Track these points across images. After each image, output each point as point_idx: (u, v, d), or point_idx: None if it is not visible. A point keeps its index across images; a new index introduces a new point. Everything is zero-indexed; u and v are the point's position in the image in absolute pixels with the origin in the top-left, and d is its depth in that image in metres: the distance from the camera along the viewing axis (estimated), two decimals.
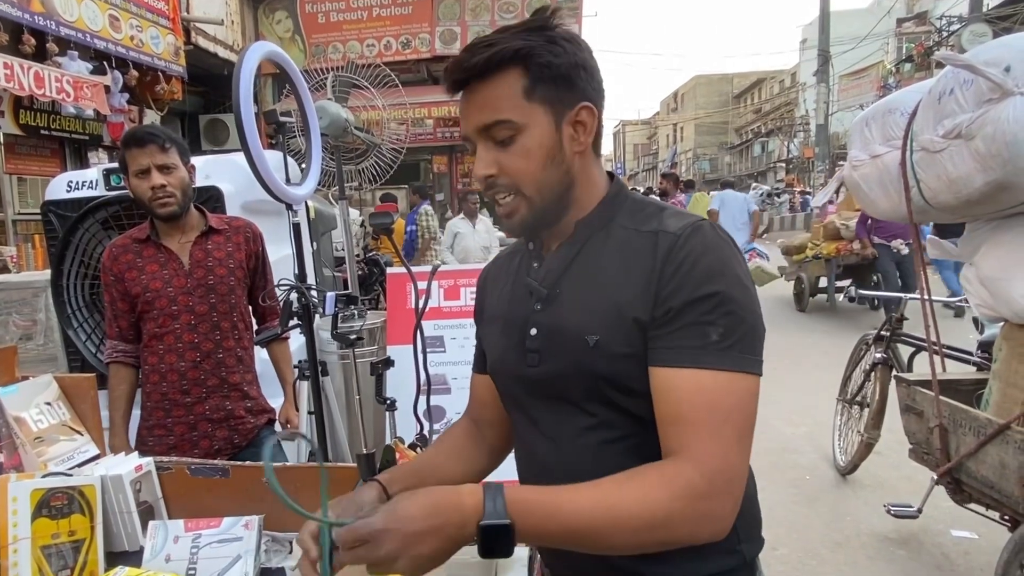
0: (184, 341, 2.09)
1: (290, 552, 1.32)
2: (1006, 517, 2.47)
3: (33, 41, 5.58)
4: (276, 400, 2.41)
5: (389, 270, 3.98)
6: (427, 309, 1.95)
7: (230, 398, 2.15)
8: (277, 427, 2.35)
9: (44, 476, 1.33)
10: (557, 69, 0.93)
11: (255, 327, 2.34)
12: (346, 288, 3.96)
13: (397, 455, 1.49)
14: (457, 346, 3.14)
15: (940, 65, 2.39)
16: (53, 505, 1.27)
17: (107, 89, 6.20)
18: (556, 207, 0.98)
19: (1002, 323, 2.53)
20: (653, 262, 0.91)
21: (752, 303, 0.90)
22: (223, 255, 2.16)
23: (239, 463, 1.47)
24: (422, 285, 2.18)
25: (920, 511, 2.98)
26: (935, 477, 2.70)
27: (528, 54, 0.92)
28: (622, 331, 0.91)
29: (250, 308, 2.30)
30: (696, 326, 0.87)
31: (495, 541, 0.79)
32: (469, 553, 1.13)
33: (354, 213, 7.06)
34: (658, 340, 0.89)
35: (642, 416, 0.92)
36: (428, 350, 2.01)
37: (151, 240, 2.13)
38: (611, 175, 1.05)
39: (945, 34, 16.64)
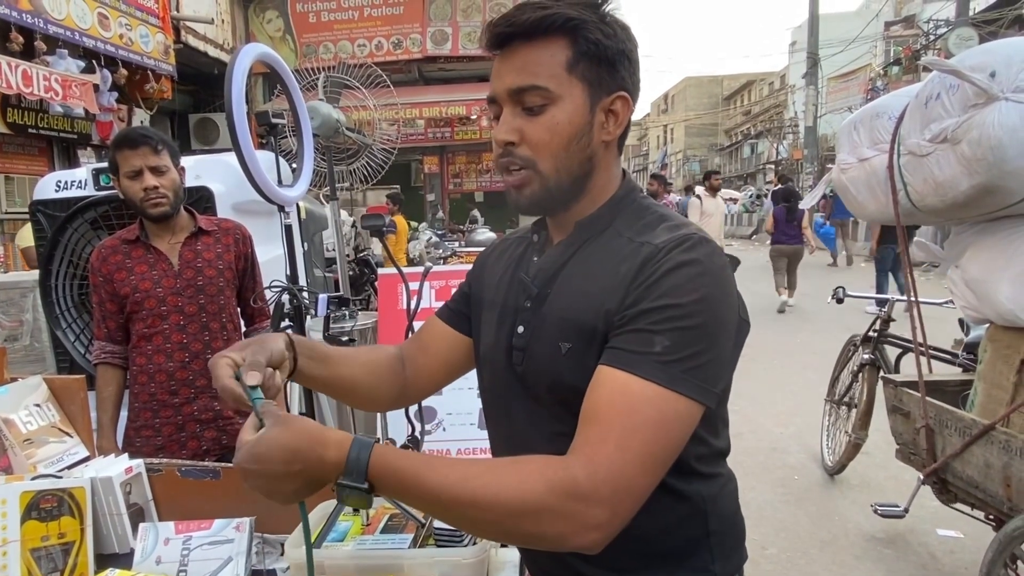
0: (173, 341, 2.10)
1: (282, 554, 1.32)
2: (991, 516, 2.50)
3: (21, 39, 5.54)
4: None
5: (380, 271, 3.97)
6: (419, 310, 1.96)
7: (217, 398, 2.12)
8: None
9: (34, 478, 1.32)
10: (604, 50, 0.91)
11: (243, 328, 2.34)
12: (337, 289, 3.95)
13: None
14: None
15: (927, 69, 2.41)
16: (43, 507, 1.27)
17: (96, 88, 6.16)
18: (569, 192, 0.95)
19: (987, 325, 2.56)
20: (628, 273, 0.88)
21: (718, 329, 0.85)
22: (212, 256, 2.17)
23: (230, 464, 1.47)
24: (413, 286, 2.19)
25: (907, 511, 3.01)
26: (921, 477, 2.73)
27: (579, 26, 0.89)
28: (591, 341, 0.89)
29: (238, 309, 2.29)
30: (642, 333, 0.83)
31: (350, 498, 0.79)
32: (461, 555, 1.14)
33: (344, 215, 7.03)
34: (610, 342, 0.87)
35: None
36: None
37: (140, 241, 2.13)
38: (624, 173, 1.02)
39: (932, 38, 16.78)
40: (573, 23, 0.89)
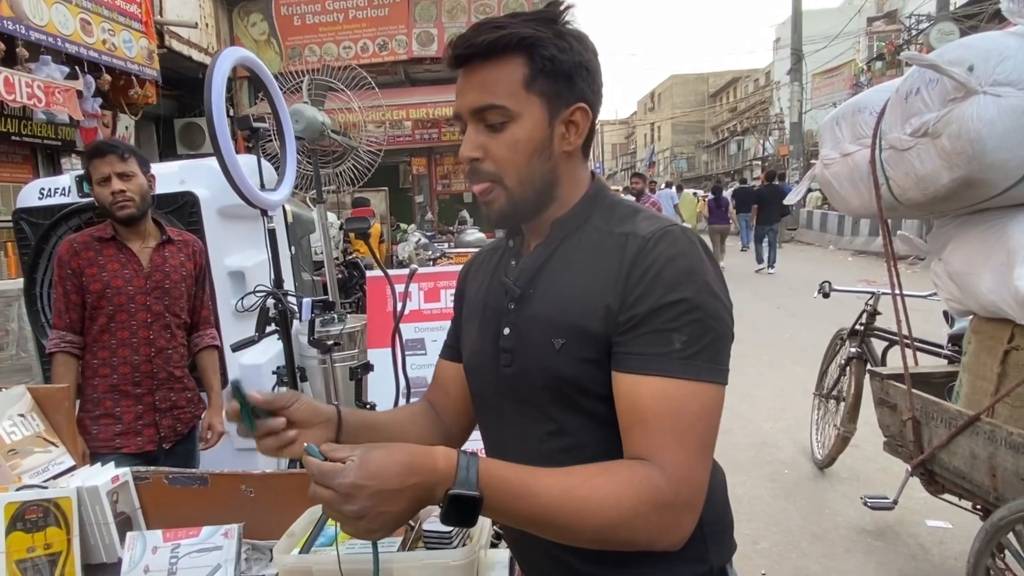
0: (139, 337, 2.27)
1: (270, 560, 1.32)
2: (978, 506, 2.53)
3: (2, 46, 5.48)
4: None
5: (369, 273, 3.96)
6: (407, 312, 1.96)
7: (174, 389, 2.36)
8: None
9: (18, 489, 1.31)
10: (560, 65, 0.93)
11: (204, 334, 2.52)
12: (326, 292, 3.95)
13: None
14: (439, 348, 3.12)
15: (908, 64, 2.43)
16: (28, 518, 1.26)
17: (79, 94, 6.10)
18: (535, 202, 0.98)
19: (971, 317, 2.58)
20: (620, 265, 0.90)
21: (720, 311, 0.89)
22: (177, 263, 2.37)
23: (218, 471, 1.46)
24: (399, 288, 2.19)
25: (896, 502, 3.03)
26: (909, 469, 2.75)
27: (534, 44, 0.91)
28: (588, 335, 0.90)
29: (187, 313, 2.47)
30: (660, 333, 0.86)
31: (460, 512, 0.78)
32: (451, 557, 1.14)
33: (332, 217, 7.01)
34: (622, 345, 0.88)
35: (606, 422, 0.92)
36: (409, 352, 2.02)
37: (115, 240, 2.27)
38: (592, 175, 1.05)
39: (914, 33, 16.91)
40: (528, 41, 0.91)
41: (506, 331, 0.99)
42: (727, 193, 15.10)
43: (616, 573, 0.95)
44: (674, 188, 16.97)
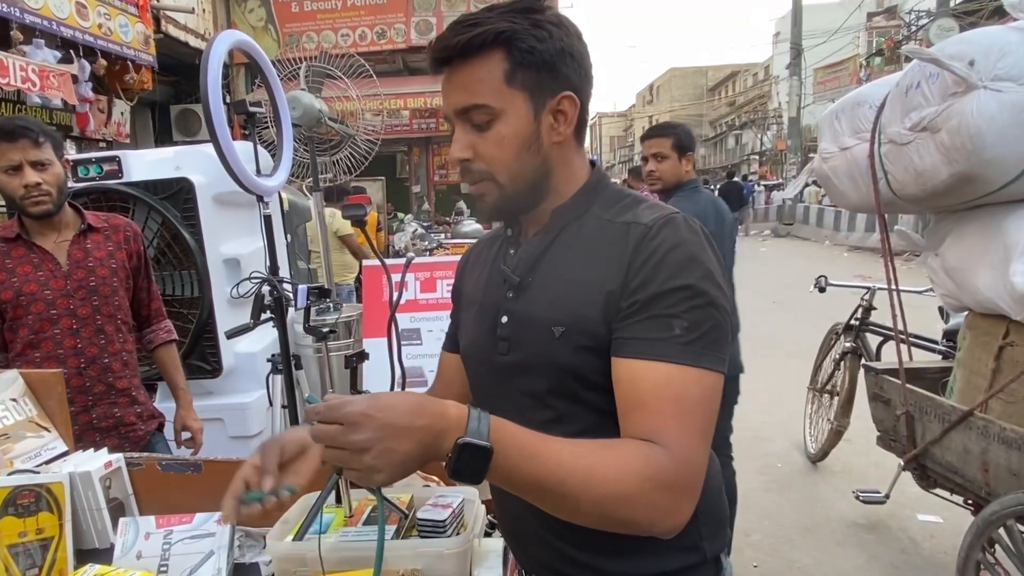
0: (65, 347, 1.98)
1: (263, 547, 1.32)
2: (969, 501, 2.54)
3: None
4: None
5: (364, 262, 3.96)
6: (403, 301, 1.95)
7: (118, 404, 2.06)
8: (168, 433, 2.27)
9: (10, 474, 1.31)
10: (540, 55, 0.91)
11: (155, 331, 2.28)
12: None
13: None
14: (434, 339, 3.13)
15: (908, 59, 2.43)
16: (20, 503, 1.25)
17: (74, 78, 6.05)
18: (529, 195, 0.97)
19: (966, 312, 2.59)
20: (622, 253, 0.90)
21: (721, 299, 0.88)
22: (104, 254, 2.06)
23: (211, 458, 1.46)
24: (396, 278, 2.18)
25: (888, 497, 3.04)
26: (902, 463, 2.76)
27: (511, 37, 0.90)
28: (587, 323, 0.90)
29: (131, 311, 2.18)
30: (661, 318, 0.86)
31: (469, 462, 0.75)
32: (444, 545, 1.14)
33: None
34: (623, 331, 0.88)
35: (602, 411, 0.91)
36: (405, 343, 2.01)
37: (22, 239, 1.98)
38: (592, 163, 1.04)
39: (914, 28, 16.90)
40: (505, 35, 0.90)
41: (504, 319, 0.99)
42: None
43: (611, 560, 0.95)
44: None
